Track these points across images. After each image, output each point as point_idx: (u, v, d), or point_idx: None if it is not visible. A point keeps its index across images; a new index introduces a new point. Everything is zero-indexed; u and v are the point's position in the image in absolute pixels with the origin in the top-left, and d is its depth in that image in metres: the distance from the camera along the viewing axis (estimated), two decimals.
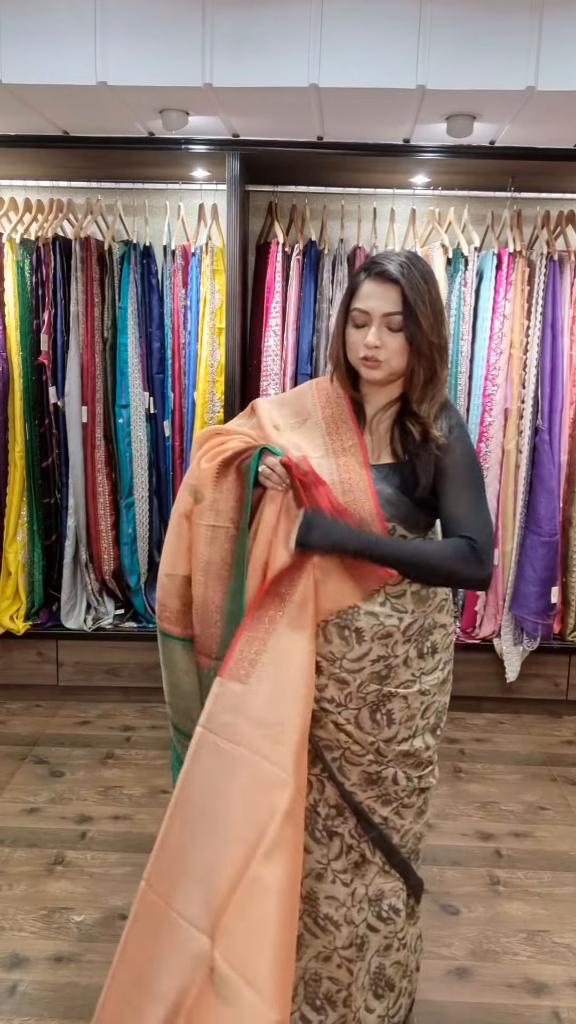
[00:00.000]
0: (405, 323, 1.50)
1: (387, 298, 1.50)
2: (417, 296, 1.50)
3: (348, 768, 1.61)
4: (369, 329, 1.52)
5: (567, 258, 3.25)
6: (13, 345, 3.33)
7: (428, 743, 1.65)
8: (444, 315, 1.57)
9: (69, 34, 2.42)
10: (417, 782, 1.64)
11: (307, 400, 1.69)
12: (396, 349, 1.52)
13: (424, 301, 1.50)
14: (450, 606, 1.68)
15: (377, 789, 1.62)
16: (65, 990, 2.00)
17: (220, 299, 3.31)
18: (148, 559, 3.52)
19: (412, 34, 2.38)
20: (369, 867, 1.65)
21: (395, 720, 1.60)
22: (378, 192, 3.38)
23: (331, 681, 1.58)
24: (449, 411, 1.60)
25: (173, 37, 2.42)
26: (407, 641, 1.59)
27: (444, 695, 1.68)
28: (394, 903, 1.67)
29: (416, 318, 1.50)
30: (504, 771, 3.07)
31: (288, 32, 2.39)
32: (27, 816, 2.71)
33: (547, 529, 3.28)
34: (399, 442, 1.59)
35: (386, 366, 1.54)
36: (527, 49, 2.37)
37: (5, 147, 3.08)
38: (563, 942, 2.22)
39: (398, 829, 1.65)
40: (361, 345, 1.53)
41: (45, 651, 3.51)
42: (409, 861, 1.68)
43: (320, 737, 1.61)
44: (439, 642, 1.64)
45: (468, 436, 1.60)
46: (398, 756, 1.61)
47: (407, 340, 1.51)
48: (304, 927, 1.66)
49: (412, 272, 1.51)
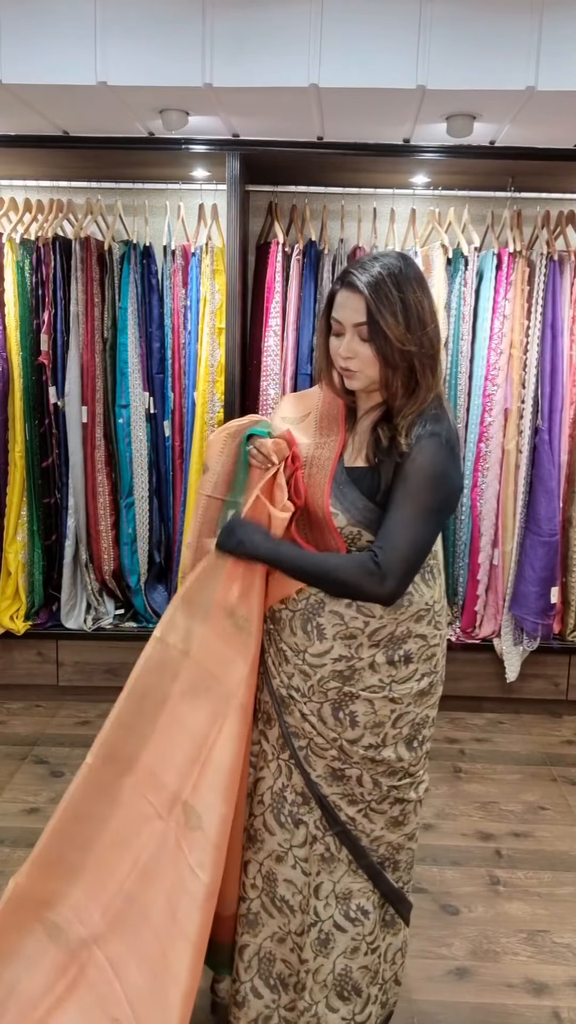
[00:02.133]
0: (370, 334, 1.47)
1: (355, 308, 1.47)
2: (383, 306, 1.45)
3: (314, 759, 1.63)
4: (343, 338, 1.51)
5: (567, 258, 3.25)
6: (13, 345, 3.33)
7: (402, 755, 1.61)
8: (428, 321, 1.50)
9: (69, 34, 2.42)
10: (388, 790, 1.62)
11: (314, 398, 1.72)
12: (367, 359, 1.49)
13: (392, 311, 1.45)
14: (435, 617, 1.61)
15: (342, 786, 1.62)
16: None
17: (220, 299, 3.32)
18: (148, 559, 3.52)
19: (412, 34, 2.37)
20: (337, 864, 1.65)
21: (359, 723, 1.59)
22: (378, 192, 3.38)
23: (296, 671, 1.61)
24: (430, 420, 1.52)
25: (173, 37, 2.42)
26: (374, 646, 1.57)
27: (423, 708, 1.63)
28: (362, 904, 1.65)
29: (379, 327, 1.45)
30: (504, 771, 3.07)
31: (288, 32, 2.39)
32: (27, 816, 2.71)
33: (547, 529, 3.28)
34: (371, 446, 1.57)
35: (362, 376, 1.52)
36: (527, 49, 2.37)
37: (5, 147, 3.08)
38: (563, 942, 2.22)
39: (367, 833, 1.64)
40: (337, 354, 1.53)
41: (45, 651, 3.51)
42: (381, 868, 1.67)
43: (288, 724, 1.64)
44: (414, 652, 1.59)
45: (441, 449, 1.49)
46: (364, 760, 1.60)
47: (373, 350, 1.48)
48: (262, 905, 1.71)
49: (380, 278, 1.46)
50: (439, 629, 1.64)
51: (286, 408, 1.75)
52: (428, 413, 1.53)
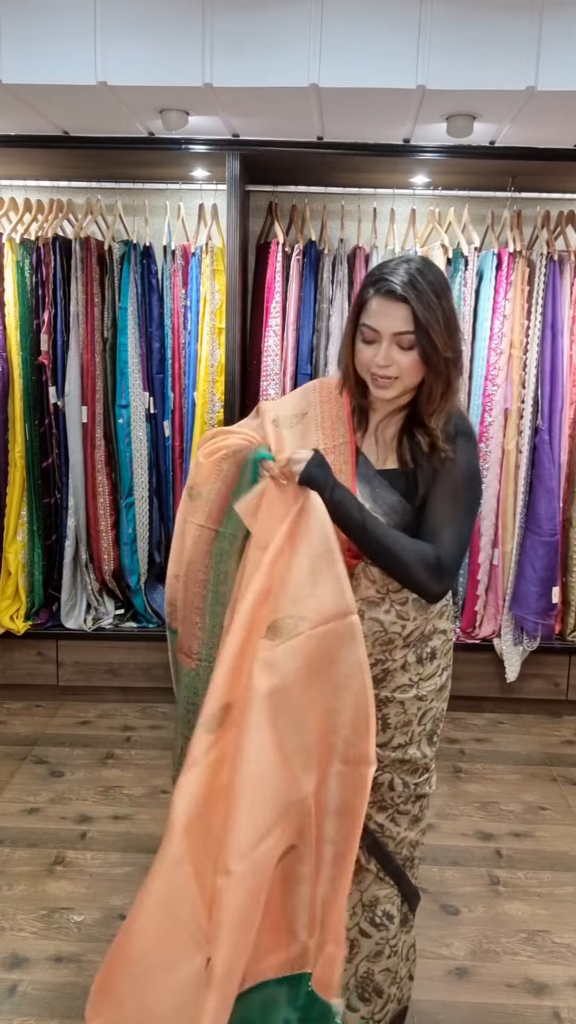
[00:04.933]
0: (417, 342, 1.44)
1: (397, 317, 1.44)
2: (428, 313, 1.43)
3: None
4: (379, 346, 1.47)
5: (567, 258, 3.25)
6: (13, 345, 3.33)
7: (425, 751, 1.64)
8: (458, 324, 1.52)
9: (69, 34, 2.42)
10: (414, 788, 1.63)
11: (309, 397, 1.68)
12: (408, 367, 1.47)
13: (436, 318, 1.44)
14: (450, 611, 1.67)
15: (374, 795, 1.61)
16: (65, 990, 2.00)
17: (220, 299, 3.31)
18: (148, 559, 3.52)
19: (412, 34, 2.37)
20: (365, 874, 1.65)
21: (390, 725, 1.59)
22: (378, 192, 3.38)
23: None
24: (457, 419, 1.55)
25: (173, 37, 2.42)
26: (406, 646, 1.58)
27: (441, 702, 1.66)
28: (388, 909, 1.67)
29: (429, 336, 1.43)
30: (504, 771, 3.07)
31: (288, 32, 2.39)
32: (27, 816, 2.71)
33: (547, 529, 3.28)
34: (407, 449, 1.56)
35: (399, 384, 1.50)
36: (527, 49, 2.37)
37: (5, 147, 3.08)
38: (563, 942, 2.22)
39: (393, 837, 1.65)
40: (372, 362, 1.49)
41: (45, 651, 3.51)
42: (404, 869, 1.68)
43: None
44: (439, 648, 1.63)
45: (474, 449, 1.56)
46: (394, 763, 1.61)
47: (421, 359, 1.46)
48: None
49: (422, 286, 1.43)
50: (451, 623, 1.68)
51: (274, 411, 1.69)
52: (453, 412, 1.55)
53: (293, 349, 3.33)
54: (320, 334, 3.33)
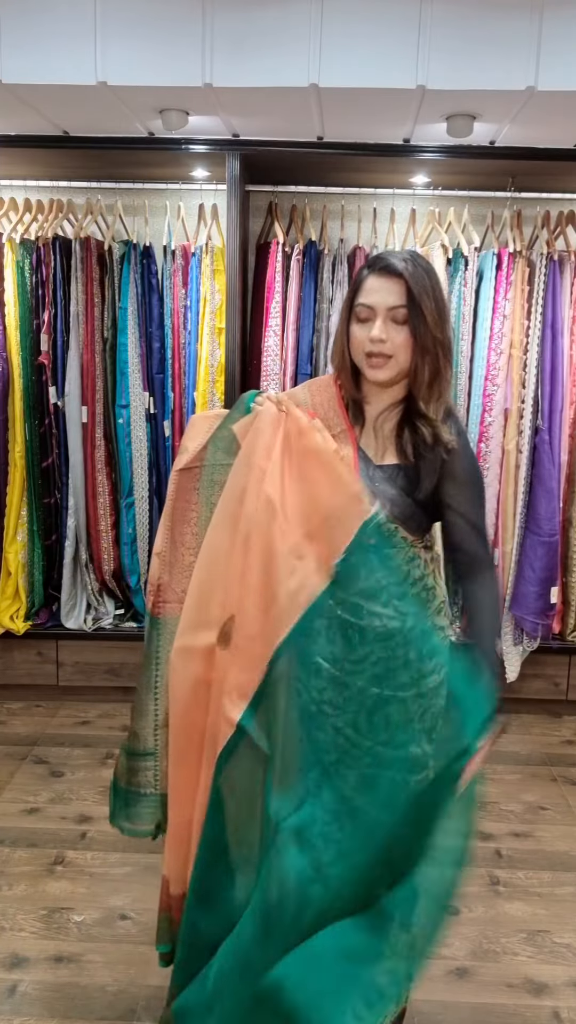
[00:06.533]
0: (410, 316, 1.50)
1: (392, 291, 1.51)
2: (421, 290, 1.50)
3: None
4: (373, 323, 1.52)
5: (567, 258, 3.25)
6: (13, 345, 3.33)
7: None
8: (448, 312, 1.57)
9: (69, 34, 2.42)
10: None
11: (299, 395, 1.69)
12: (401, 343, 1.52)
13: (428, 296, 1.51)
14: (447, 609, 1.69)
15: None
16: (65, 990, 2.00)
17: (220, 299, 3.32)
18: (148, 559, 3.52)
19: (412, 34, 2.37)
20: None
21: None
22: (378, 192, 3.38)
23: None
24: (454, 416, 1.61)
25: (173, 37, 2.42)
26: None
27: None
28: None
29: (420, 311, 1.50)
30: (504, 771, 3.07)
31: (288, 32, 2.39)
32: (27, 816, 2.71)
33: (547, 529, 3.28)
34: (408, 443, 1.58)
35: (393, 363, 1.53)
36: (527, 49, 2.37)
37: (5, 147, 3.08)
38: (563, 942, 2.22)
39: None
40: (366, 340, 1.53)
41: (45, 651, 3.51)
42: None
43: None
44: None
45: (470, 444, 1.63)
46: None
47: (412, 334, 1.51)
48: None
49: (416, 267, 1.52)
50: (448, 621, 1.70)
51: None
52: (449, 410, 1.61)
53: (293, 349, 3.33)
54: (320, 334, 3.33)
